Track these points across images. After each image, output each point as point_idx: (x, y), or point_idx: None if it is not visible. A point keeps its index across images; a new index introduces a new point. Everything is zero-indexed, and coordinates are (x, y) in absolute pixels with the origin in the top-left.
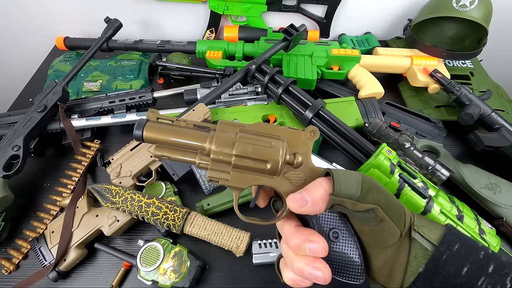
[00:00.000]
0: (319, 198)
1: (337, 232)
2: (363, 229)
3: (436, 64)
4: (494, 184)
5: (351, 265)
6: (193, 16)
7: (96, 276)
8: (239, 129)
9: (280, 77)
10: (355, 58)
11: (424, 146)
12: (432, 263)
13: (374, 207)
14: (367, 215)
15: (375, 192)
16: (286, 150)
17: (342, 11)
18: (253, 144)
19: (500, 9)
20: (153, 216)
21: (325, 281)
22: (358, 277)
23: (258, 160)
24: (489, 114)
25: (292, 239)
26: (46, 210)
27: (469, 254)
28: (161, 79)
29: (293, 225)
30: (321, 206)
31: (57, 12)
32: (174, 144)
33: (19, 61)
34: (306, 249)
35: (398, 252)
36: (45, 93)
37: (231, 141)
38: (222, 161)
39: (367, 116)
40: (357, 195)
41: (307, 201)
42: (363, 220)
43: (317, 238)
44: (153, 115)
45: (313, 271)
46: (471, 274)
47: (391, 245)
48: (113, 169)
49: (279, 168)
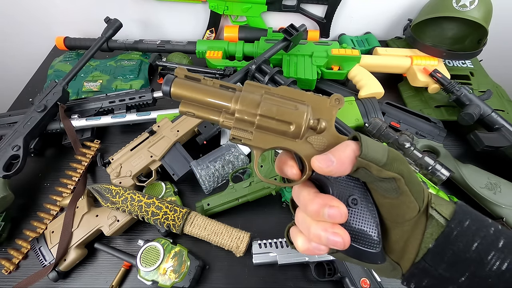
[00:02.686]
0: (345, 159)
1: (356, 199)
2: (383, 201)
3: (436, 64)
4: (494, 184)
5: (369, 233)
6: (193, 16)
7: (96, 276)
8: (264, 90)
9: (280, 77)
10: (355, 58)
11: (424, 146)
12: (442, 239)
13: (398, 176)
14: (389, 186)
15: (400, 162)
16: (310, 114)
17: (342, 11)
18: (278, 106)
19: (500, 9)
20: (153, 216)
21: (344, 246)
22: (375, 245)
23: (282, 122)
24: (489, 114)
25: (310, 204)
26: (46, 210)
27: (479, 230)
28: (161, 79)
29: (312, 191)
30: (347, 167)
31: (57, 12)
32: (200, 102)
33: (19, 61)
34: (325, 214)
35: (415, 227)
36: (45, 93)
37: (256, 101)
38: (246, 121)
39: (367, 116)
40: (383, 161)
41: (333, 161)
42: (384, 191)
43: (337, 203)
44: (181, 72)
45: (332, 237)
46: (481, 248)
47: (408, 220)
48: (113, 169)
49: (302, 131)
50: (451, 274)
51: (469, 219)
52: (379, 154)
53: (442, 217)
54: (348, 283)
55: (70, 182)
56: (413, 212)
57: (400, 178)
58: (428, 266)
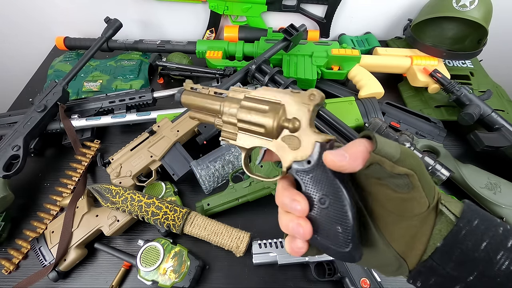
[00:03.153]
0: (358, 154)
1: (325, 200)
2: (393, 196)
3: (436, 64)
4: (494, 184)
5: (335, 232)
6: (193, 16)
7: (96, 276)
8: (244, 95)
9: (280, 77)
10: (355, 58)
11: (424, 146)
12: (451, 238)
13: (411, 172)
14: (401, 181)
15: (412, 158)
16: (281, 114)
17: (342, 11)
18: (251, 110)
19: (500, 9)
20: (153, 216)
21: (304, 237)
22: (342, 245)
23: (255, 125)
24: (489, 114)
25: (281, 197)
26: (46, 210)
27: (488, 229)
28: (161, 79)
29: (286, 186)
30: (360, 163)
31: (57, 12)
32: (199, 108)
33: (19, 61)
34: (289, 206)
35: (423, 223)
36: (45, 93)
37: (235, 107)
38: (231, 123)
39: (367, 116)
40: (396, 156)
41: (346, 156)
42: (395, 186)
43: (300, 198)
44: (188, 85)
45: (295, 227)
46: (490, 248)
47: (416, 215)
48: (113, 169)
49: (273, 131)
50: (459, 273)
51: (477, 218)
52: (392, 150)
53: (452, 214)
54: (348, 283)
55: (70, 182)
56: (423, 207)
57: (413, 174)
58: (435, 264)
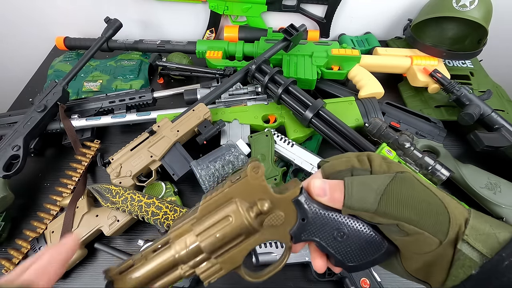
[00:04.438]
0: (338, 199)
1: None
2: (395, 237)
3: (436, 64)
4: (494, 184)
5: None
6: (193, 16)
7: (96, 276)
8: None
9: (280, 77)
10: (355, 58)
11: (424, 146)
12: (489, 266)
13: (394, 223)
14: (391, 228)
15: (400, 206)
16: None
17: (342, 11)
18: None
19: (500, 9)
20: (153, 216)
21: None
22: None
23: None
24: (489, 114)
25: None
26: (46, 210)
27: None
28: (161, 79)
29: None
30: (339, 206)
31: (57, 12)
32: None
33: (19, 61)
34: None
35: (439, 257)
36: (45, 93)
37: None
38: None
39: (367, 116)
40: (373, 209)
41: (326, 194)
42: (388, 231)
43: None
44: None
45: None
46: None
47: (428, 252)
48: (113, 169)
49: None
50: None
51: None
52: (366, 204)
53: (477, 252)
54: (348, 283)
55: (70, 182)
56: (431, 246)
57: (399, 223)
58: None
